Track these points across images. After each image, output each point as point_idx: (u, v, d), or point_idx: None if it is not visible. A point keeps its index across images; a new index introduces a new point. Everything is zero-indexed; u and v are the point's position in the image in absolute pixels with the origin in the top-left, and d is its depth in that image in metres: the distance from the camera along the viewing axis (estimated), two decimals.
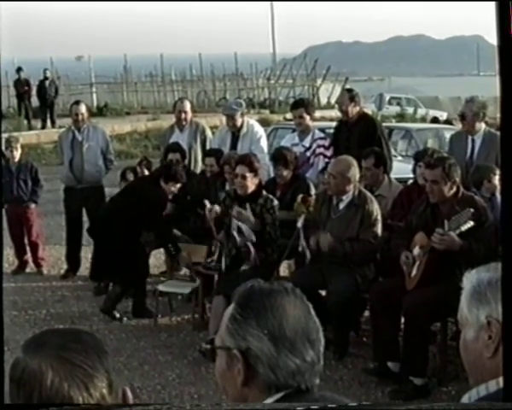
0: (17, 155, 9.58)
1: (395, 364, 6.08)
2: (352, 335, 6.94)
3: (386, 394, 5.95)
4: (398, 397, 5.85)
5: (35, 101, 25.32)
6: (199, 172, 8.76)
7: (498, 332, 1.84)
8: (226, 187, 7.92)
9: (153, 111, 29.69)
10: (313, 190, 7.60)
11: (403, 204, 7.03)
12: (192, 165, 8.93)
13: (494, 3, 1.77)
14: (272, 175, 7.98)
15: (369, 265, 6.67)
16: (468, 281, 1.94)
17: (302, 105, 8.63)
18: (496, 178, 6.77)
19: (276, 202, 7.10)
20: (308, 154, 8.34)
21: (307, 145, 8.37)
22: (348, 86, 22.83)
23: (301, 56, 40.72)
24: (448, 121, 23.11)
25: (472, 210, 5.66)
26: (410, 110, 31.11)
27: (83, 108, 9.41)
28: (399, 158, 12.61)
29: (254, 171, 7.00)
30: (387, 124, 16.83)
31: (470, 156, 7.60)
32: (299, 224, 6.92)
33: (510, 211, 1.81)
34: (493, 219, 5.93)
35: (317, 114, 15.67)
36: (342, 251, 6.53)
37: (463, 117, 7.73)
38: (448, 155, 6.88)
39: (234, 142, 8.72)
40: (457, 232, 5.66)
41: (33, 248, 9.69)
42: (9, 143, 9.57)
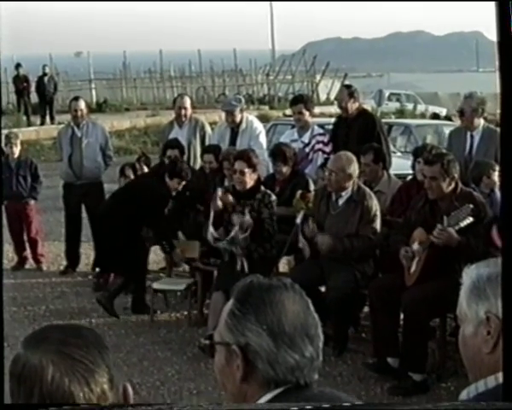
0: (17, 152, 9.58)
1: (394, 359, 6.09)
2: (352, 331, 6.95)
3: (385, 389, 5.96)
4: (397, 393, 5.86)
5: (34, 97, 25.26)
6: (198, 168, 8.75)
7: (497, 328, 1.84)
8: (225, 183, 7.91)
9: (152, 107, 29.70)
10: (312, 186, 7.59)
11: (402, 200, 7.03)
12: (191, 161, 8.91)
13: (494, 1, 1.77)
14: (271, 171, 7.98)
15: (369, 261, 6.68)
16: (468, 276, 1.94)
17: (301, 101, 8.62)
18: (495, 174, 6.76)
19: (274, 197, 7.10)
20: (307, 150, 8.33)
21: (306, 141, 8.37)
22: (347, 82, 22.81)
23: (300, 52, 40.69)
24: (447, 117, 23.13)
25: (471, 206, 5.66)
26: (410, 106, 31.13)
27: (82, 105, 9.41)
28: (398, 154, 12.64)
29: (253, 166, 7.00)
30: (387, 120, 16.85)
31: (469, 152, 7.61)
32: (298, 220, 6.93)
33: (510, 207, 1.81)
34: (492, 215, 5.94)
35: (317, 110, 15.70)
36: (342, 248, 6.53)
37: (462, 113, 7.75)
38: (447, 151, 6.88)
39: (233, 138, 8.71)
40: (457, 228, 5.67)
41: (33, 244, 9.68)
42: (9, 140, 9.56)
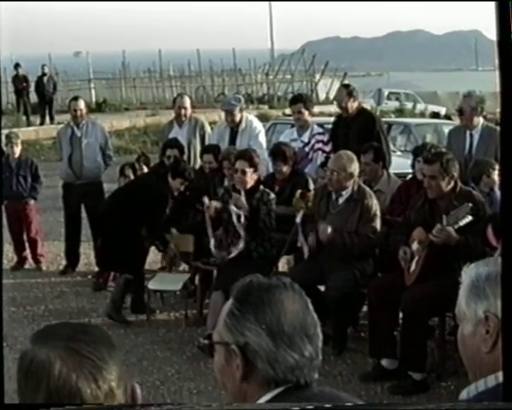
0: (17, 152, 9.58)
1: (390, 361, 6.08)
2: (351, 330, 6.95)
3: (385, 389, 5.95)
4: (397, 392, 5.86)
5: (33, 97, 25.25)
6: (198, 167, 8.75)
7: (496, 327, 1.84)
8: (225, 183, 7.91)
9: (151, 107, 29.69)
10: (312, 186, 7.59)
11: (401, 199, 7.03)
12: (191, 161, 8.90)
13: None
14: (271, 170, 7.97)
15: (368, 260, 6.68)
16: (467, 275, 1.94)
17: (301, 100, 8.61)
18: (495, 173, 6.76)
19: (273, 196, 7.10)
20: (307, 149, 8.33)
21: (306, 140, 8.36)
22: (347, 81, 22.83)
23: (299, 52, 40.69)
24: (447, 116, 23.12)
25: (470, 205, 5.66)
26: (409, 105, 31.14)
27: (81, 104, 9.40)
28: (398, 153, 12.63)
29: (254, 166, 7.00)
30: (386, 119, 16.83)
31: (469, 151, 7.60)
32: (297, 219, 6.93)
33: (510, 206, 1.81)
34: (492, 213, 5.94)
35: (316, 110, 15.69)
36: (341, 242, 6.52)
37: (461, 112, 7.75)
38: (446, 150, 6.88)
39: (232, 137, 8.70)
40: (456, 227, 5.67)
41: (32, 244, 9.68)
42: (10, 140, 9.57)
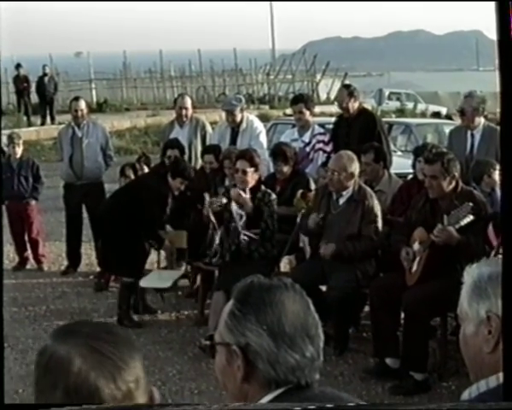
0: (19, 152, 9.59)
1: (394, 360, 6.08)
2: (353, 330, 6.94)
3: (386, 389, 5.94)
4: (398, 392, 5.85)
5: (34, 97, 25.26)
6: (198, 167, 8.74)
7: (498, 327, 1.84)
8: (226, 183, 7.91)
9: (152, 107, 29.69)
10: (313, 186, 7.59)
11: (402, 199, 7.03)
12: (192, 161, 8.90)
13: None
14: (272, 171, 7.97)
15: (370, 260, 6.67)
16: (469, 275, 1.94)
17: (302, 100, 8.61)
18: (496, 173, 6.75)
19: (274, 196, 7.09)
20: (308, 149, 8.33)
21: (307, 141, 8.36)
22: (348, 82, 22.83)
23: (300, 52, 40.68)
24: (448, 116, 23.11)
25: (471, 204, 5.66)
26: (410, 105, 31.12)
27: (82, 105, 9.40)
28: (399, 153, 12.63)
29: (255, 166, 7.00)
30: (387, 119, 16.83)
31: (470, 151, 7.59)
32: (299, 219, 6.93)
33: (510, 206, 1.80)
34: (493, 212, 5.94)
35: (317, 110, 15.67)
36: (346, 253, 6.52)
37: (463, 112, 7.73)
38: (447, 150, 6.87)
39: (233, 137, 8.70)
40: (457, 227, 5.66)
41: (33, 244, 9.69)
42: (12, 140, 9.59)
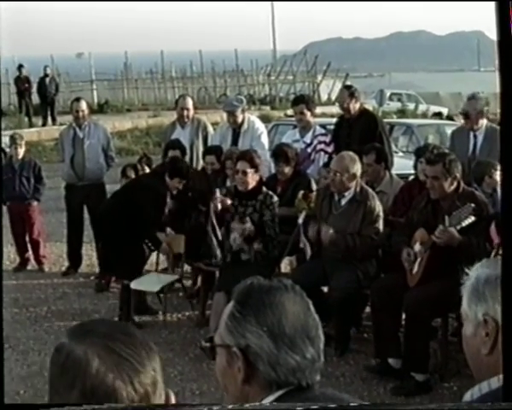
0: (21, 153, 9.60)
1: (396, 360, 6.08)
2: (354, 331, 6.94)
3: (388, 390, 5.94)
4: (399, 393, 5.85)
5: (36, 98, 25.28)
6: (200, 168, 8.74)
7: (494, 330, 1.84)
8: (227, 183, 7.91)
9: (153, 108, 29.71)
10: (314, 187, 7.59)
11: (404, 200, 7.02)
12: (194, 161, 8.90)
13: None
14: (273, 171, 7.97)
15: (371, 261, 6.66)
16: (469, 277, 1.94)
17: (303, 101, 8.61)
18: (497, 173, 6.74)
19: (276, 199, 7.09)
20: (309, 150, 8.33)
21: (308, 141, 8.36)
22: (349, 82, 22.83)
23: (302, 53, 40.71)
24: (449, 117, 23.10)
25: (473, 205, 5.65)
26: (411, 106, 31.10)
27: (83, 105, 9.40)
28: (400, 154, 12.63)
29: (255, 167, 6.99)
30: (388, 120, 16.83)
31: (472, 152, 7.56)
32: (300, 220, 6.92)
33: (510, 206, 1.80)
34: (496, 211, 5.93)
35: (318, 111, 15.67)
36: (344, 244, 6.52)
37: (467, 115, 7.65)
38: (448, 151, 6.86)
39: (235, 138, 8.70)
40: (458, 228, 5.66)
41: (34, 245, 9.69)
42: (14, 141, 9.60)
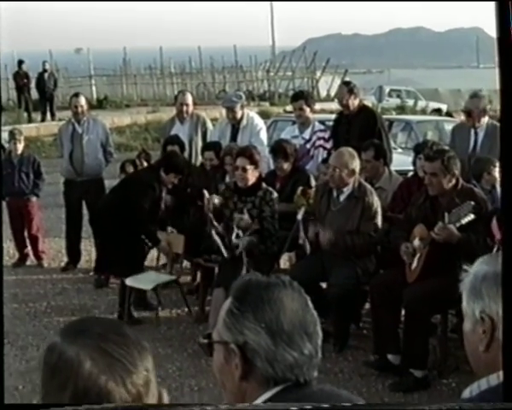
0: (20, 148, 9.58)
1: (395, 356, 6.08)
2: (353, 327, 6.93)
3: (386, 386, 5.95)
4: (398, 389, 5.86)
5: (34, 93, 25.26)
6: (199, 164, 8.73)
7: (490, 328, 1.84)
8: (226, 179, 7.91)
9: (152, 103, 29.69)
10: (313, 183, 7.59)
11: (403, 196, 7.02)
12: (193, 157, 8.90)
13: None
14: (272, 168, 7.97)
15: (370, 257, 6.66)
16: (468, 273, 1.94)
17: (302, 97, 8.61)
18: (496, 170, 6.74)
19: (276, 195, 7.09)
20: (308, 146, 8.33)
21: (307, 137, 8.36)
22: (348, 79, 22.81)
23: (300, 49, 40.70)
24: (448, 113, 23.10)
25: (472, 203, 5.65)
26: (410, 102, 31.07)
27: (82, 101, 9.39)
28: (399, 150, 12.61)
29: (255, 163, 6.99)
30: (387, 116, 16.83)
31: (473, 148, 7.54)
32: (299, 216, 6.92)
33: (510, 203, 1.80)
34: (497, 207, 5.93)
35: (317, 107, 15.64)
36: (343, 244, 6.52)
37: (469, 114, 7.63)
38: (447, 148, 6.85)
39: (234, 134, 8.69)
40: (458, 225, 5.66)
41: (34, 241, 9.69)
42: (13, 136, 9.59)
